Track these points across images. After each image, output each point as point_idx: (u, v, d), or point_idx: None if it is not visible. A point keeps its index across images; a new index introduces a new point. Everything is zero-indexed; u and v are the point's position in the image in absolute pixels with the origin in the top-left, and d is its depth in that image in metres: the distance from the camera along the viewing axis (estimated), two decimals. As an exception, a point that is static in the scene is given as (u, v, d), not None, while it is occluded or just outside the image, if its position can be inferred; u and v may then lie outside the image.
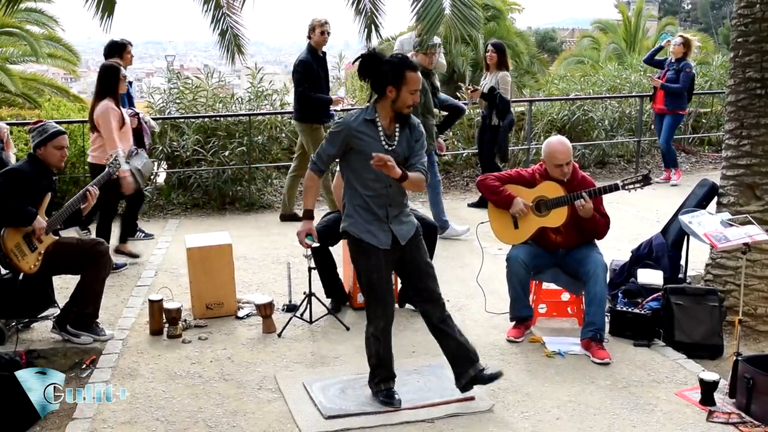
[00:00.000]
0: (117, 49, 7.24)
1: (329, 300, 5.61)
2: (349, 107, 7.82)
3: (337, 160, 4.21)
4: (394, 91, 3.96)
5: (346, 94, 11.19)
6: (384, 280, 4.09)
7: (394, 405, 4.16)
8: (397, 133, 4.08)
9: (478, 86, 8.33)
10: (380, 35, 5.15)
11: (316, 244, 4.93)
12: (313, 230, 4.34)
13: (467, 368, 4.19)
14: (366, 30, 4.82)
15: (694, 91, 10.08)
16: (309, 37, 7.62)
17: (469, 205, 8.79)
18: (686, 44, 9.37)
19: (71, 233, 5.87)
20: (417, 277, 4.18)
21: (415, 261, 4.17)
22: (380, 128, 4.02)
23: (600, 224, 5.03)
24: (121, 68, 6.65)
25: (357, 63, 4.11)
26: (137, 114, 7.13)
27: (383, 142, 4.02)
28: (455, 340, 4.20)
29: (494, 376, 4.20)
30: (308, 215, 4.29)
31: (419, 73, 4.04)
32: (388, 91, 3.98)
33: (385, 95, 3.99)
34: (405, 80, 3.94)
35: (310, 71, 7.52)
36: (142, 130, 7.11)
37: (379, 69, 3.98)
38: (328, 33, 7.59)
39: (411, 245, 4.16)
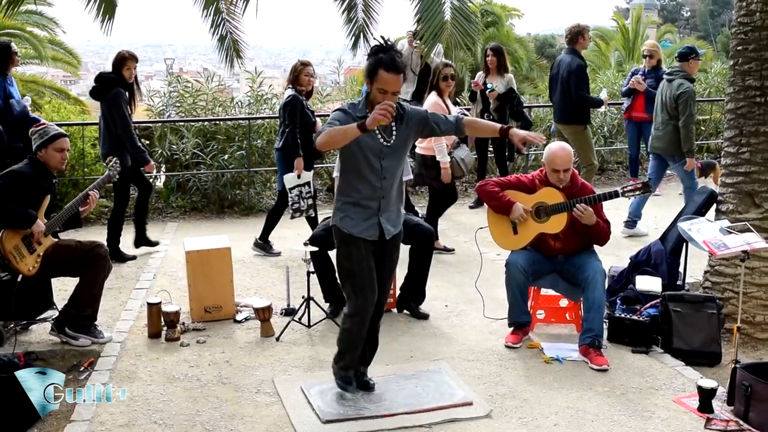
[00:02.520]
0: None
1: (328, 304, 5.61)
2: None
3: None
4: (369, 83, 3.97)
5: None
6: (366, 269, 4.11)
7: (349, 391, 4.29)
8: (393, 126, 4.05)
9: (494, 87, 8.31)
10: (369, 43, 5.16)
11: (310, 248, 4.94)
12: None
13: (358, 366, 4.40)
14: (353, 38, 4.84)
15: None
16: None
17: (470, 207, 8.80)
18: (652, 55, 9.28)
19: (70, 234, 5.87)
20: (380, 276, 4.22)
21: (386, 261, 4.24)
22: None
23: (604, 231, 5.04)
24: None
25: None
26: None
27: (378, 136, 4.02)
28: (372, 342, 4.42)
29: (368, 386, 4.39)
30: (362, 127, 3.80)
31: (399, 77, 3.93)
32: (367, 82, 3.99)
33: (369, 86, 3.99)
34: (377, 77, 3.90)
35: None
36: None
37: (368, 59, 3.99)
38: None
39: (391, 244, 4.21)
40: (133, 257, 7.01)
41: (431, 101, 6.86)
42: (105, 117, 6.79)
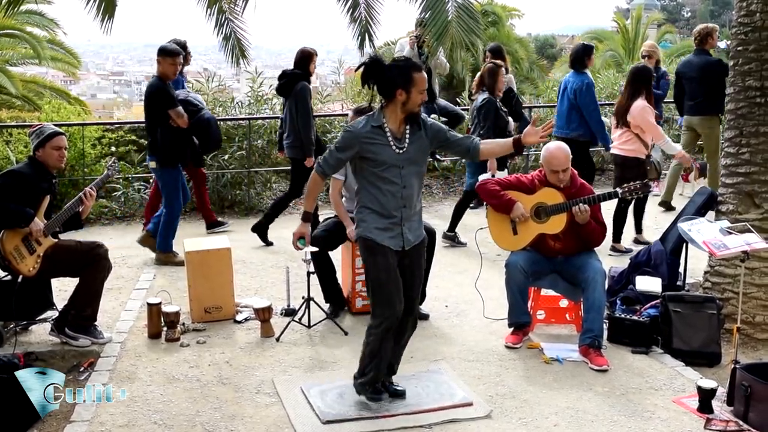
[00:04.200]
0: None
1: (328, 305, 5.61)
2: None
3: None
4: (404, 93, 4.01)
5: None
6: (392, 279, 4.10)
7: (382, 400, 4.23)
8: (407, 135, 4.10)
9: None
10: (373, 44, 5.17)
11: (309, 249, 4.96)
12: (307, 234, 4.35)
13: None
14: (360, 38, 4.85)
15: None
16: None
17: (471, 207, 8.78)
18: (650, 56, 9.29)
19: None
20: (407, 285, 4.19)
21: (411, 268, 4.21)
22: (388, 132, 4.05)
23: (596, 232, 5.03)
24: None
25: (360, 70, 4.13)
26: None
27: (393, 146, 4.05)
28: (399, 347, 4.35)
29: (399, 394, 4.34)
30: (306, 218, 4.32)
31: (424, 72, 4.11)
32: (397, 94, 4.01)
33: (395, 98, 4.03)
34: (413, 82, 4.01)
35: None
36: None
37: (385, 74, 4.02)
38: None
39: (416, 251, 4.21)
40: (271, 243, 7.38)
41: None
42: (291, 111, 7.17)
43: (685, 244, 5.57)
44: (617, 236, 7.22)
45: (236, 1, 5.52)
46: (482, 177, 6.61)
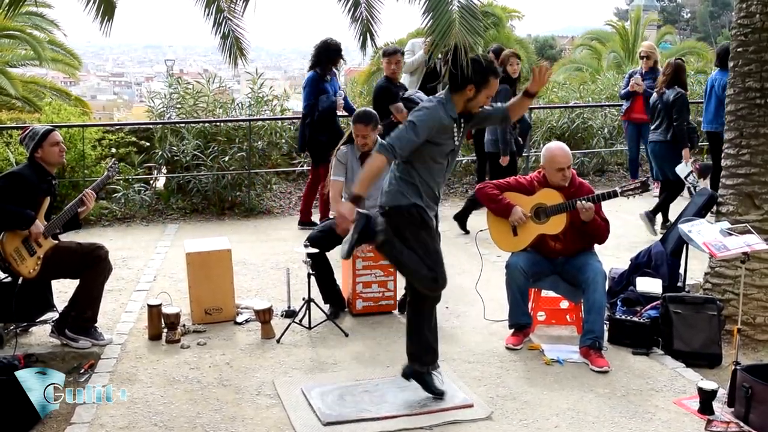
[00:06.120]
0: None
1: (328, 306, 5.61)
2: None
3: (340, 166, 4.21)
4: (473, 90, 4.06)
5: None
6: (438, 248, 4.21)
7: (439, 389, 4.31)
8: (462, 129, 4.21)
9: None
10: (375, 44, 5.17)
11: (310, 250, 4.97)
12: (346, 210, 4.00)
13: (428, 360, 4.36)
14: (361, 38, 4.84)
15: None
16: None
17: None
18: (649, 56, 9.29)
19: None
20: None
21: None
22: (455, 125, 4.13)
23: (602, 227, 5.05)
24: None
25: (448, 53, 4.08)
26: None
27: (455, 138, 4.16)
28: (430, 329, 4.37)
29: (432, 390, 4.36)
30: (356, 200, 3.98)
31: (498, 81, 4.20)
32: (468, 89, 4.06)
33: (463, 91, 4.08)
34: (487, 83, 4.08)
35: None
36: None
37: (466, 66, 4.01)
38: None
39: (437, 232, 4.36)
40: (467, 232, 7.76)
41: None
42: None
43: (685, 246, 5.56)
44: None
45: (235, 0, 5.51)
46: (679, 168, 7.13)
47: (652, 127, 7.97)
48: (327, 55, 7.72)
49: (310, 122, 7.70)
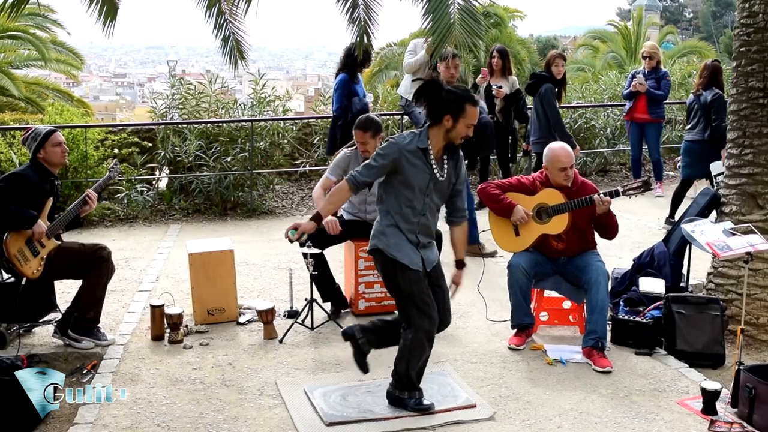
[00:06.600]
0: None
1: (329, 304, 5.60)
2: None
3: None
4: (451, 121, 3.99)
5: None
6: (423, 288, 4.09)
7: (430, 408, 4.20)
8: (445, 162, 4.11)
9: (500, 86, 8.38)
10: (372, 45, 5.17)
11: (312, 250, 4.97)
12: (307, 232, 4.18)
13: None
14: (358, 38, 4.84)
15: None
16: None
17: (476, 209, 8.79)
18: (651, 56, 9.29)
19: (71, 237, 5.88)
20: (440, 301, 4.22)
21: (439, 286, 4.26)
22: (431, 157, 4.03)
23: (615, 219, 5.08)
24: None
25: (417, 85, 4.09)
26: None
27: (435, 171, 4.05)
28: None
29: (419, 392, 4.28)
30: (317, 219, 4.15)
31: (478, 108, 4.08)
32: (445, 120, 4.00)
33: (441, 123, 4.01)
34: (464, 113, 3.98)
35: None
36: None
37: (439, 97, 4.00)
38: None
39: (436, 271, 4.25)
40: None
41: None
42: (536, 109, 7.98)
43: (688, 246, 5.56)
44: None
45: (236, 3, 5.52)
46: (715, 166, 7.26)
47: (688, 127, 8.05)
48: (356, 58, 7.63)
49: (343, 124, 7.60)
